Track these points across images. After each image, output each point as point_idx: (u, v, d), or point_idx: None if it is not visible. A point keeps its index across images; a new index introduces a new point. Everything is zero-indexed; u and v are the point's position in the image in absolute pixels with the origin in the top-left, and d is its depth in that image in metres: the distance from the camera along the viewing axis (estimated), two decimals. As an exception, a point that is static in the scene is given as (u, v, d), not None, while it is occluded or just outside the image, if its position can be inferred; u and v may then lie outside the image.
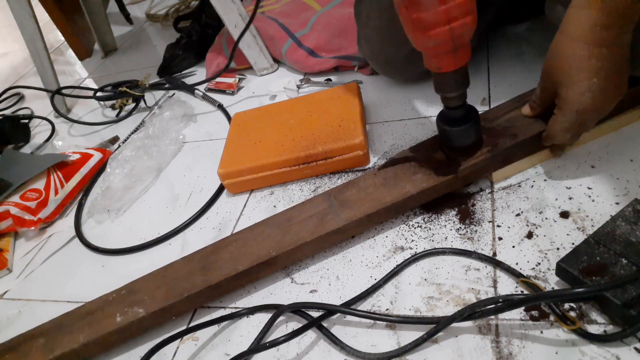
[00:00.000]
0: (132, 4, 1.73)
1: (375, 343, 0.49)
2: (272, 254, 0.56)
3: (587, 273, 0.44)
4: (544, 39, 0.78)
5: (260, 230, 0.60)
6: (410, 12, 0.45)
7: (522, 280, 0.48)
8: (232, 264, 0.57)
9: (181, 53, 1.17)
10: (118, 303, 0.59)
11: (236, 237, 0.61)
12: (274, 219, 0.61)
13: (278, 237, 0.58)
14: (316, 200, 0.61)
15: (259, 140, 0.75)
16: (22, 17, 1.09)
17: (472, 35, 0.46)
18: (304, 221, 0.59)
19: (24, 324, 0.68)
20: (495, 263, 0.51)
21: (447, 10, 0.43)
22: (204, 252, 0.61)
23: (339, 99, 0.77)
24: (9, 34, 2.04)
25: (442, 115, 0.57)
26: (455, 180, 0.57)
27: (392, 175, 0.60)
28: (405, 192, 0.57)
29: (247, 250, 0.58)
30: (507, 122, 0.59)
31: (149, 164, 0.86)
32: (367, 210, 0.57)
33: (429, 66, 0.50)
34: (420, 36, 0.46)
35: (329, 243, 0.58)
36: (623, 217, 0.48)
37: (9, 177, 0.88)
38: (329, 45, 0.95)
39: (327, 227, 0.57)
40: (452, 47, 0.46)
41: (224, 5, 0.94)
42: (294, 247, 0.56)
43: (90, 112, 1.17)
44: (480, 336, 0.46)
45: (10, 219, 0.81)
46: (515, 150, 0.57)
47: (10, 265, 0.80)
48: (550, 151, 0.59)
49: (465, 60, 0.49)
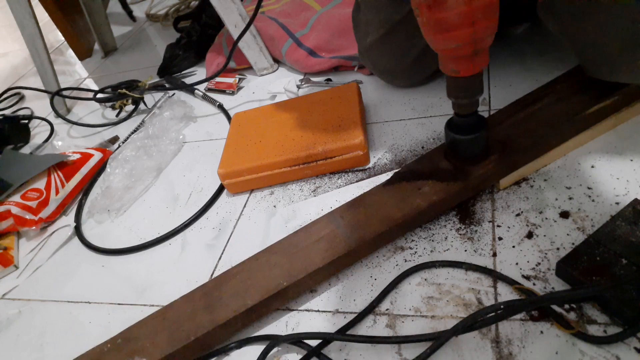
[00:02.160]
0: (132, 4, 1.73)
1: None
2: (283, 284, 0.52)
3: (588, 273, 0.44)
4: (544, 39, 0.79)
5: (265, 259, 0.56)
6: (433, 11, 0.43)
7: (515, 287, 0.48)
8: (240, 299, 0.52)
9: (181, 53, 1.17)
10: (115, 354, 0.53)
11: (239, 269, 0.57)
12: (277, 245, 0.57)
13: (286, 265, 0.54)
14: (321, 222, 0.58)
15: (259, 140, 0.75)
16: (22, 17, 1.09)
17: (492, 40, 0.45)
18: (312, 245, 0.55)
19: (24, 324, 0.68)
20: (488, 272, 0.50)
21: (471, 11, 0.42)
22: (205, 289, 0.56)
23: (339, 99, 0.77)
24: (9, 34, 2.04)
25: (451, 123, 0.55)
26: (465, 190, 0.55)
27: (399, 190, 0.57)
28: (416, 207, 0.54)
29: (253, 282, 0.54)
30: (511, 128, 0.58)
31: (149, 164, 0.86)
32: (378, 229, 0.54)
33: (446, 70, 0.49)
34: (441, 37, 0.45)
35: (341, 267, 0.55)
36: (623, 217, 0.48)
37: (9, 177, 0.88)
38: (329, 45, 0.95)
39: (338, 250, 0.53)
40: (473, 50, 0.45)
41: (224, 5, 0.94)
42: (306, 275, 0.52)
43: (90, 112, 1.17)
44: (480, 336, 0.46)
45: (11, 219, 0.82)
46: (521, 156, 0.57)
47: (17, 262, 0.80)
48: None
49: (484, 65, 0.48)
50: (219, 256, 0.66)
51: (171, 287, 0.64)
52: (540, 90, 0.63)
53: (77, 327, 0.65)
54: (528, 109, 0.61)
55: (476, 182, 0.55)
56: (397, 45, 0.71)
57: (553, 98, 0.61)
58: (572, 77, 0.63)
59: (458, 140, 0.55)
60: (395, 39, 0.70)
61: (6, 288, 0.76)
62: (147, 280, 0.67)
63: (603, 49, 0.53)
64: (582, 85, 0.60)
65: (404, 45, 0.69)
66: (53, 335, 0.65)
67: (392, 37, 0.70)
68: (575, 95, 0.60)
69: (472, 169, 0.55)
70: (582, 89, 0.60)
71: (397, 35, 0.69)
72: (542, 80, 0.65)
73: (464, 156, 0.56)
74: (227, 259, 0.65)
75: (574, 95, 0.60)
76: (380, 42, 0.72)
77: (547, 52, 0.76)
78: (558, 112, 0.58)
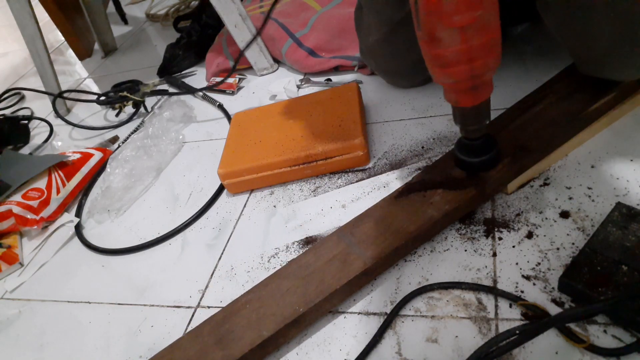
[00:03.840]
0: (132, 4, 1.73)
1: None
2: (300, 311, 0.49)
3: (592, 285, 0.43)
4: (544, 39, 0.79)
5: (276, 285, 0.53)
6: (430, 48, 0.43)
7: (520, 303, 0.47)
8: (255, 331, 0.49)
9: (181, 53, 1.17)
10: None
11: (249, 298, 0.53)
12: (286, 269, 0.54)
13: (300, 289, 0.51)
14: (331, 241, 0.55)
15: (259, 140, 0.75)
16: (22, 17, 1.09)
17: (494, 72, 0.45)
18: (325, 266, 0.52)
19: (24, 324, 0.68)
20: (489, 290, 0.49)
21: (468, 50, 0.42)
22: (213, 322, 0.52)
23: (339, 99, 0.77)
24: (9, 34, 2.04)
25: (460, 145, 0.55)
26: (477, 198, 0.54)
27: (409, 201, 0.55)
28: (430, 218, 0.52)
29: (266, 311, 0.50)
30: (517, 131, 0.58)
31: (149, 164, 0.86)
32: (393, 244, 0.51)
33: (449, 100, 0.49)
34: (439, 72, 0.45)
35: (357, 287, 0.52)
36: (612, 223, 0.47)
37: (9, 178, 0.88)
38: (329, 45, 0.95)
39: (354, 269, 0.50)
40: (472, 85, 0.45)
41: (224, 5, 0.94)
42: (323, 299, 0.49)
43: (90, 113, 1.17)
44: (480, 336, 0.46)
45: (12, 218, 0.82)
46: (532, 158, 0.56)
47: (22, 259, 0.80)
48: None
49: (487, 97, 0.47)
50: (219, 256, 0.66)
51: (171, 287, 0.65)
52: (539, 90, 0.63)
53: (77, 327, 0.65)
54: (530, 110, 0.60)
55: (490, 189, 0.55)
56: (399, 45, 0.71)
57: (553, 98, 0.61)
58: (568, 76, 0.63)
59: (468, 162, 0.54)
60: (397, 39, 0.70)
61: (11, 286, 0.76)
62: (147, 280, 0.67)
63: (592, 45, 0.53)
64: (580, 83, 0.60)
65: (405, 46, 0.69)
66: (53, 335, 0.65)
67: (393, 37, 0.70)
68: (575, 93, 0.60)
69: (486, 176, 0.54)
70: (580, 87, 0.60)
71: (398, 35, 0.69)
72: (542, 80, 0.65)
73: (477, 172, 0.55)
74: (227, 259, 0.65)
75: (573, 94, 0.60)
76: (382, 42, 0.72)
77: (547, 52, 0.76)
78: (562, 112, 0.58)
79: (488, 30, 0.42)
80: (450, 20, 0.40)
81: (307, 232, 0.64)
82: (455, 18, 0.40)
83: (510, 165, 0.55)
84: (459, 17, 0.40)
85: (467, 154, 0.54)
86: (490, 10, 0.41)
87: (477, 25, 0.41)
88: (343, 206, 0.65)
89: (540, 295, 0.47)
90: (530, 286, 0.48)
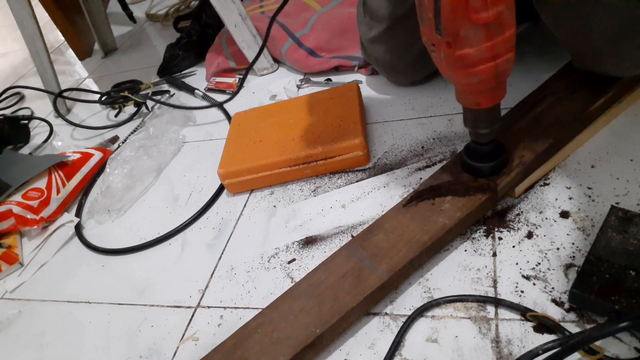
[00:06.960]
0: (132, 4, 1.73)
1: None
2: (317, 332, 0.46)
3: (604, 294, 0.42)
4: (544, 39, 0.79)
5: (288, 306, 0.50)
6: (453, 48, 0.42)
7: (530, 315, 0.46)
8: (270, 357, 0.46)
9: (181, 53, 1.17)
10: None
11: (260, 322, 0.50)
12: (297, 288, 0.51)
13: (314, 309, 0.48)
14: (340, 256, 0.52)
15: (259, 140, 0.75)
16: (22, 17, 1.09)
17: (511, 70, 0.45)
18: (338, 283, 0.50)
19: (24, 324, 0.68)
20: (497, 302, 0.48)
21: (493, 46, 0.42)
22: (224, 350, 0.49)
23: (338, 99, 0.77)
24: (9, 34, 2.04)
25: (469, 150, 0.54)
26: (488, 203, 0.54)
27: (418, 210, 0.53)
28: (442, 226, 0.51)
29: (280, 334, 0.47)
30: (519, 134, 0.58)
31: (149, 164, 0.86)
32: (407, 255, 0.49)
33: (466, 103, 0.48)
34: (462, 73, 0.44)
35: (373, 303, 0.50)
36: (611, 228, 0.47)
37: (8, 178, 0.88)
38: (329, 45, 0.95)
39: (369, 284, 0.48)
40: (496, 83, 0.45)
41: (224, 5, 0.94)
42: (340, 318, 0.47)
43: (90, 112, 1.17)
44: (480, 336, 0.46)
45: (12, 218, 0.82)
46: (539, 160, 0.56)
47: (22, 259, 0.80)
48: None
49: (504, 94, 0.47)
50: (219, 256, 0.66)
51: (171, 287, 0.65)
52: (539, 91, 0.63)
53: (77, 327, 0.65)
54: (532, 112, 0.60)
55: (501, 193, 0.54)
56: (400, 40, 0.71)
57: (554, 98, 0.61)
58: (567, 75, 0.63)
59: (477, 167, 0.54)
60: (399, 34, 0.70)
61: (11, 285, 0.76)
62: (147, 280, 0.67)
63: (589, 39, 0.53)
64: (579, 82, 0.60)
65: (406, 41, 0.69)
66: (53, 335, 0.65)
67: (395, 32, 0.70)
68: (575, 93, 0.60)
69: (495, 180, 0.54)
70: (579, 86, 0.60)
71: (400, 30, 0.70)
72: (542, 80, 0.65)
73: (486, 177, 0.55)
74: (227, 259, 0.65)
75: (573, 93, 0.60)
76: (383, 36, 0.72)
77: (547, 52, 0.76)
78: (564, 112, 0.58)
79: (509, 25, 0.42)
80: (478, 16, 0.40)
81: (307, 232, 0.64)
82: (482, 14, 0.40)
83: (518, 168, 0.54)
84: (485, 14, 0.40)
85: (477, 160, 0.54)
86: (509, 4, 0.41)
87: (499, 20, 0.41)
88: (343, 206, 0.65)
89: (540, 295, 0.47)
90: (530, 286, 0.48)
